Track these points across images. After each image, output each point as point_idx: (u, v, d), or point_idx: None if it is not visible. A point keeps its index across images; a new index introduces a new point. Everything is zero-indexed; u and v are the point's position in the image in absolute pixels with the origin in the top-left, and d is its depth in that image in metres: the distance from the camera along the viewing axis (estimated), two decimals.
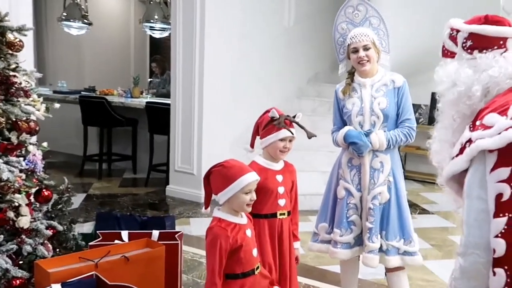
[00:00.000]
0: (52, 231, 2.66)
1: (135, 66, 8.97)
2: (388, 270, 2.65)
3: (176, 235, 2.89)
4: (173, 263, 2.76)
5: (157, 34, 7.46)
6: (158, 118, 5.58)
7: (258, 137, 2.35)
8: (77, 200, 4.96)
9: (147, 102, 5.83)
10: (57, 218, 2.82)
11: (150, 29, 7.32)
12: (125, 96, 6.74)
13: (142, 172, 6.12)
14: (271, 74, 5.92)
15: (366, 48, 2.52)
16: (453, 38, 1.64)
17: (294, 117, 2.31)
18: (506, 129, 1.34)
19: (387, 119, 2.54)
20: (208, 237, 1.89)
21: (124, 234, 2.83)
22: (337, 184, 2.65)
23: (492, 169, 1.35)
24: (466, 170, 1.45)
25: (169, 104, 5.41)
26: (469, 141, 1.43)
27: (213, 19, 5.09)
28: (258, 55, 5.75)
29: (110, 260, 2.44)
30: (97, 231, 2.86)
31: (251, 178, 1.90)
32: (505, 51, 1.54)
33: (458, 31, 1.62)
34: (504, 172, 1.32)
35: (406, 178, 5.52)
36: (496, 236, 1.31)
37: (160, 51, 8.38)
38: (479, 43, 1.57)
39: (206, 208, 2.02)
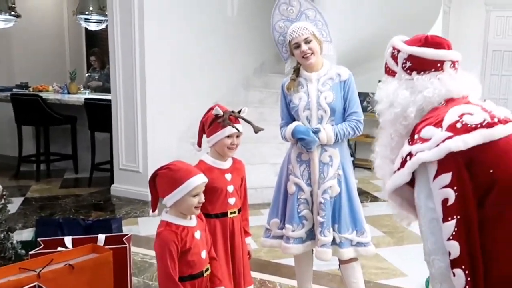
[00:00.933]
0: None
1: (70, 60, 8.54)
2: (342, 262, 2.66)
3: (123, 238, 2.77)
4: (122, 267, 2.64)
5: (93, 27, 7.15)
6: (99, 115, 5.34)
7: (204, 136, 2.31)
8: (14, 204, 4.63)
9: (86, 99, 5.55)
10: None
11: (86, 21, 7.00)
12: (61, 93, 6.41)
13: (84, 172, 5.85)
14: (216, 65, 5.80)
15: (307, 41, 2.50)
16: (394, 57, 1.70)
17: (239, 112, 2.27)
18: (443, 141, 1.42)
19: (334, 113, 2.53)
20: (157, 242, 1.86)
21: (68, 240, 2.68)
22: (287, 180, 2.63)
23: (435, 177, 1.43)
24: (408, 183, 1.54)
25: (109, 100, 5.19)
26: (409, 154, 1.51)
27: (151, 10, 4.91)
28: (201, 46, 5.61)
29: (53, 269, 2.29)
30: (38, 239, 2.69)
31: (199, 180, 1.88)
32: (441, 73, 1.61)
33: (399, 51, 1.67)
34: (446, 178, 1.41)
35: (356, 166, 5.61)
36: (449, 239, 1.40)
37: (97, 44, 8.02)
38: (418, 65, 1.64)
39: (153, 211, 1.99)
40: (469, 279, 1.38)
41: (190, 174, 1.87)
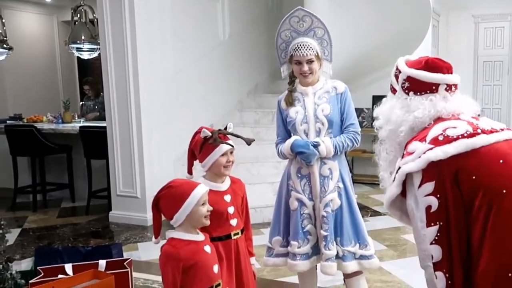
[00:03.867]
0: None
1: (63, 89, 8.56)
2: (347, 276, 2.62)
3: (124, 263, 2.73)
4: None
5: (85, 55, 7.16)
6: (94, 142, 5.31)
7: (195, 162, 2.26)
8: (12, 236, 4.56)
9: (80, 127, 5.53)
10: None
11: (78, 50, 7.01)
12: (55, 122, 6.38)
13: (81, 200, 5.79)
14: (210, 88, 5.82)
15: (309, 62, 2.51)
16: (396, 77, 1.79)
17: (225, 129, 2.24)
18: (424, 152, 1.53)
19: (332, 125, 2.53)
20: (161, 258, 1.88)
21: (68, 267, 2.64)
22: (289, 196, 2.60)
23: (419, 186, 1.53)
24: (404, 197, 1.63)
25: (104, 127, 5.17)
26: (399, 168, 1.62)
27: (144, 36, 4.93)
28: (194, 70, 5.63)
29: None
30: (38, 267, 2.63)
31: (203, 189, 1.91)
32: (434, 95, 1.70)
33: (400, 71, 1.77)
34: (429, 186, 1.50)
35: (354, 182, 5.56)
36: (431, 243, 1.50)
37: (89, 72, 8.06)
38: (415, 86, 1.71)
39: (156, 237, 1.98)
40: (449, 282, 1.48)
41: (192, 185, 1.90)
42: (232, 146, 2.19)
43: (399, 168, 1.60)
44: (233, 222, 2.21)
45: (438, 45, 8.33)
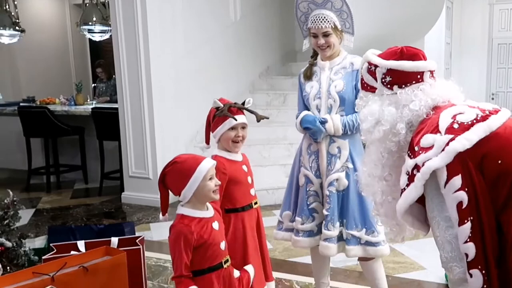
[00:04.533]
0: (0, 248, 2.44)
1: (76, 72, 8.58)
2: (360, 259, 2.57)
3: (137, 240, 2.74)
4: (136, 269, 2.61)
5: (97, 37, 7.17)
6: (106, 124, 5.33)
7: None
8: (26, 215, 4.64)
9: (93, 108, 5.56)
10: (4, 234, 2.60)
11: (89, 32, 7.02)
12: (68, 104, 6.42)
13: (94, 182, 5.84)
14: (221, 70, 5.80)
15: (325, 35, 2.42)
16: (371, 73, 1.67)
17: (243, 103, 2.21)
18: (447, 144, 1.42)
19: (343, 102, 2.44)
20: (171, 235, 1.83)
21: (81, 244, 2.65)
22: (299, 171, 2.57)
23: (446, 183, 1.41)
24: (418, 200, 1.51)
25: (116, 109, 5.18)
26: (416, 167, 1.48)
27: (155, 17, 4.91)
28: (206, 51, 5.61)
29: (67, 272, 2.26)
30: (50, 244, 2.66)
31: (209, 163, 1.85)
32: (422, 84, 1.60)
33: (376, 66, 1.65)
34: (457, 181, 1.40)
35: None
36: (465, 242, 1.40)
37: (101, 54, 8.06)
38: (398, 79, 1.61)
39: (164, 214, 1.93)
40: (485, 278, 1.39)
41: (198, 160, 1.84)
42: (236, 120, 2.14)
43: (415, 167, 1.48)
44: (252, 191, 2.24)
45: (452, 27, 8.20)
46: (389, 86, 1.63)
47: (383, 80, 1.63)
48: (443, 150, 1.42)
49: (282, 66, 6.81)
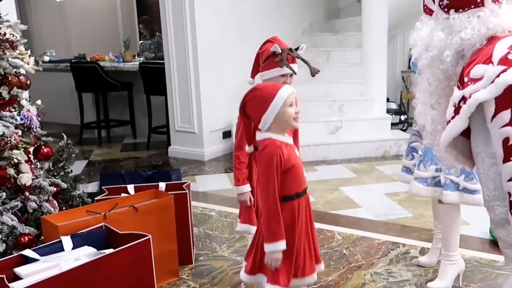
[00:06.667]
0: (56, 188, 2.59)
1: (124, 29, 8.71)
2: (440, 201, 2.47)
3: (184, 185, 2.83)
4: (183, 213, 2.71)
5: None
6: (154, 79, 5.44)
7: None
8: (79, 166, 4.88)
9: (140, 63, 5.67)
10: (59, 176, 2.75)
11: None
12: (117, 61, 6.56)
13: (142, 137, 6.02)
14: (264, 26, 5.73)
15: None
16: None
17: (297, 49, 2.18)
18: (498, 75, 1.30)
19: None
20: (264, 156, 1.78)
21: (130, 187, 2.77)
22: None
23: (493, 117, 1.31)
24: (463, 134, 1.41)
25: (163, 63, 5.27)
26: (463, 99, 1.38)
27: None
28: (249, 7, 5.57)
29: (118, 211, 2.39)
30: (102, 187, 2.79)
31: (288, 90, 1.80)
32: (481, 10, 1.43)
33: None
34: (505, 115, 1.29)
35: (410, 125, 5.45)
36: (509, 180, 1.30)
37: (147, 12, 8.12)
38: (456, 2, 1.46)
39: (249, 145, 1.89)
40: None
41: (277, 86, 1.81)
42: (295, 73, 2.15)
43: (462, 99, 1.38)
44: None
45: None
46: (445, 9, 1.48)
47: (440, 2, 1.50)
48: (492, 82, 1.31)
49: (326, 23, 6.68)
